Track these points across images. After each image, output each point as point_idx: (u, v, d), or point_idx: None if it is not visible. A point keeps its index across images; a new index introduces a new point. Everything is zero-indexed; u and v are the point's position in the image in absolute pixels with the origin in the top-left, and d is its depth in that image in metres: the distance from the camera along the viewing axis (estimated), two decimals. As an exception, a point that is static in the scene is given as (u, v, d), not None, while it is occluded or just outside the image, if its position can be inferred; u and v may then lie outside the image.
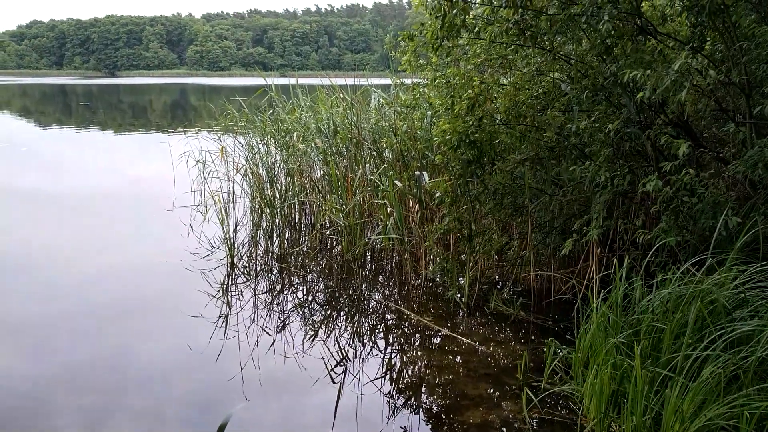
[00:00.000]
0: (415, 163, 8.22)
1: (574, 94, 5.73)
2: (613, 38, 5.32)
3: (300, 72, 22.00)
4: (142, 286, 7.51)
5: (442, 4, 5.38)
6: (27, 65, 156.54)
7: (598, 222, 5.47)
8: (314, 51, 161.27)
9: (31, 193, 12.81)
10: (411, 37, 6.33)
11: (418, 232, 7.53)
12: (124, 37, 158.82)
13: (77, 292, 7.20)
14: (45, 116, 36.50)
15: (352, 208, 8.15)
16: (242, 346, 5.84)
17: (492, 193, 6.59)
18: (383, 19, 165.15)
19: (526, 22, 5.50)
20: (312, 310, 6.84)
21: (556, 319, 6.28)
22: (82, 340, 5.99)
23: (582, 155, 6.06)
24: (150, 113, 39.79)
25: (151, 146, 21.44)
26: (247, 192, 10.54)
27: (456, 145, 6.15)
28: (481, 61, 6.37)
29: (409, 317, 6.46)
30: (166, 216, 10.64)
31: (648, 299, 4.49)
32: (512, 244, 7.08)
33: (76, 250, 8.82)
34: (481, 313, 6.50)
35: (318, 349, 5.80)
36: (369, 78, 10.81)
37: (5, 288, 7.32)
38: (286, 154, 10.00)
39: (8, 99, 53.87)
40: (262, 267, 8.26)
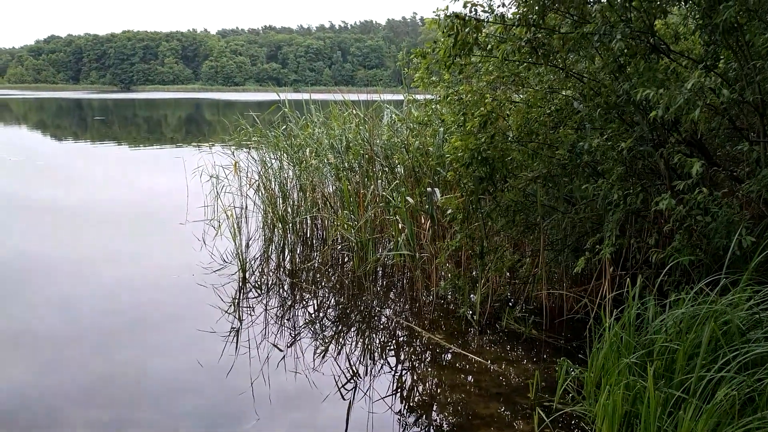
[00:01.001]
0: (427, 180, 8.23)
1: (586, 112, 5.73)
2: (626, 57, 5.32)
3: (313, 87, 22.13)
4: (154, 299, 7.54)
5: (454, 22, 5.41)
6: (44, 80, 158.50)
7: (610, 240, 5.44)
8: (328, 67, 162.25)
9: (47, 206, 12.92)
10: (424, 55, 6.35)
11: (429, 248, 7.52)
12: (140, 52, 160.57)
13: (91, 305, 7.24)
14: (61, 130, 36.89)
15: (364, 223, 8.16)
16: (253, 361, 5.84)
17: (504, 210, 6.58)
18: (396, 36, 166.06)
19: (539, 40, 5.52)
20: (323, 326, 6.83)
21: (568, 338, 6.23)
22: (95, 353, 6.01)
23: (594, 173, 6.04)
24: (165, 128, 40.12)
25: (165, 160, 21.59)
26: (260, 207, 10.59)
27: (468, 162, 6.15)
28: (493, 79, 6.38)
29: (420, 334, 6.43)
30: (179, 230, 10.69)
31: (661, 319, 4.46)
32: (524, 262, 7.05)
33: (90, 263, 8.87)
34: (492, 331, 6.47)
35: (328, 365, 5.79)
36: (382, 94, 10.86)
37: (20, 300, 7.37)
38: (299, 169, 10.05)
39: (25, 113, 54.53)
40: (273, 282, 8.27)
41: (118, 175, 18.02)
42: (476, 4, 5.52)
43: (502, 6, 5.78)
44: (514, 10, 5.75)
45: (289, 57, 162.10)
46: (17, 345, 6.18)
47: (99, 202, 13.59)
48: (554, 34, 5.49)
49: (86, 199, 13.96)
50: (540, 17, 5.41)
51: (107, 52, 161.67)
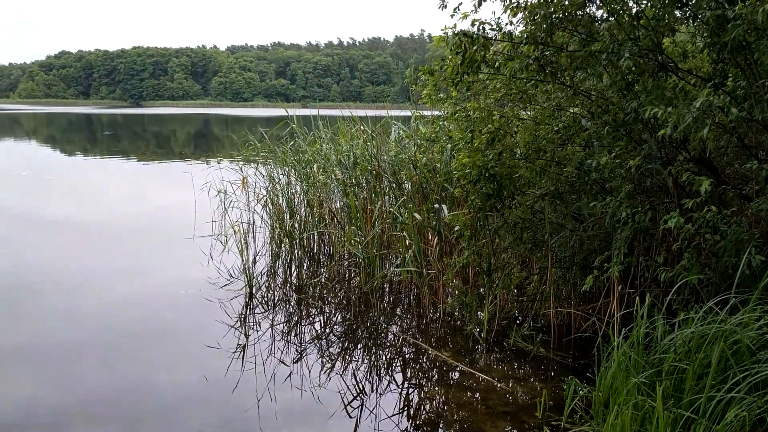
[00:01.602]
0: (434, 196, 8.23)
1: (594, 130, 5.73)
2: (634, 75, 5.32)
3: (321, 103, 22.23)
4: (161, 314, 7.54)
5: (462, 40, 5.43)
6: (54, 95, 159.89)
7: (618, 258, 5.42)
8: (336, 83, 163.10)
9: (56, 220, 12.98)
10: (431, 72, 6.38)
11: (436, 265, 7.50)
12: (150, 68, 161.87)
13: (98, 319, 7.24)
14: (70, 145, 37.16)
15: (371, 239, 8.16)
16: (259, 377, 5.82)
17: (511, 228, 6.57)
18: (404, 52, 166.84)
19: (547, 58, 5.53)
20: (329, 342, 6.81)
21: (576, 356, 6.19)
22: (102, 368, 6.01)
23: (603, 191, 6.03)
24: (174, 143, 40.35)
25: (173, 175, 21.69)
26: (267, 222, 10.60)
27: (476, 179, 6.16)
28: (501, 96, 6.40)
29: (427, 351, 6.40)
30: (186, 245, 10.71)
31: (670, 338, 4.42)
32: (532, 279, 7.02)
33: (98, 277, 8.89)
34: (500, 349, 6.43)
35: (335, 382, 5.76)
36: (389, 110, 10.90)
37: (28, 314, 7.38)
38: (307, 184, 10.07)
39: (35, 127, 54.98)
40: (280, 298, 8.26)
41: (127, 190, 18.11)
42: (484, 22, 5.54)
43: (510, 24, 5.81)
44: (521, 28, 5.78)
45: (298, 73, 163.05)
46: (25, 359, 6.19)
47: (107, 216, 13.64)
48: (562, 52, 5.50)
49: (95, 213, 14.02)
50: (548, 35, 5.42)
51: (117, 67, 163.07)
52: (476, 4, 5.63)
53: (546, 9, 5.35)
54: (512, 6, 5.54)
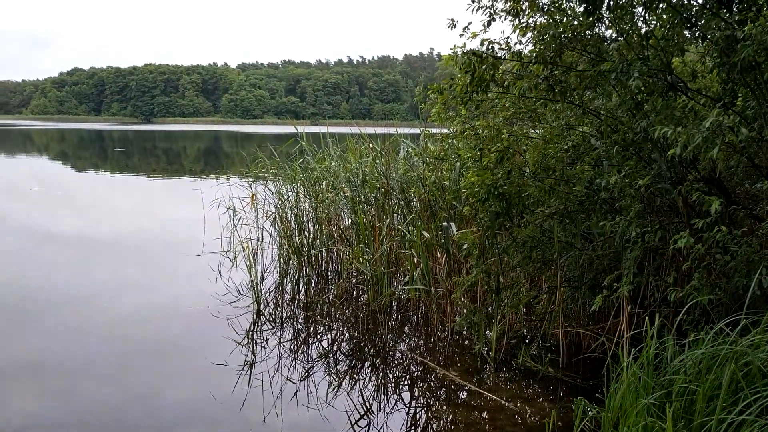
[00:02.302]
0: (443, 214, 8.23)
1: (603, 149, 5.73)
2: (644, 94, 5.33)
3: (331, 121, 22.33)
4: (169, 330, 7.55)
5: (472, 59, 5.45)
6: (67, 111, 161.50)
7: (628, 278, 5.39)
8: (345, 100, 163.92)
9: (65, 236, 13.05)
10: (440, 91, 6.40)
11: (444, 283, 7.48)
12: (161, 85, 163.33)
13: (106, 335, 7.25)
14: (81, 161, 37.44)
15: (379, 257, 8.15)
16: (266, 394, 5.80)
17: (520, 246, 6.55)
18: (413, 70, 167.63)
19: (556, 77, 5.55)
20: (336, 360, 6.79)
21: (585, 376, 6.14)
22: (109, 384, 6.00)
23: (612, 210, 6.01)
24: (184, 159, 40.58)
25: (183, 192, 21.79)
26: (276, 239, 10.62)
27: (484, 197, 6.15)
28: (510, 114, 6.41)
29: (434, 371, 6.37)
30: (195, 261, 10.73)
31: (680, 359, 4.38)
32: (541, 298, 6.99)
33: (107, 293, 8.91)
34: (508, 369, 6.39)
35: (342, 400, 5.74)
36: (398, 128, 10.93)
37: (37, 329, 7.40)
38: (315, 202, 10.09)
39: (47, 143, 55.47)
40: (287, 315, 8.25)
41: (137, 206, 18.20)
42: (493, 42, 5.57)
43: (519, 44, 5.84)
44: (530, 47, 5.80)
45: (308, 91, 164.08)
46: (33, 373, 6.19)
47: (117, 232, 13.70)
48: (571, 72, 5.52)
49: (104, 229, 14.09)
50: (557, 55, 5.44)
51: (129, 84, 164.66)
52: (485, 24, 5.66)
53: (555, 29, 5.38)
54: (521, 26, 5.57)
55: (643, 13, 5.60)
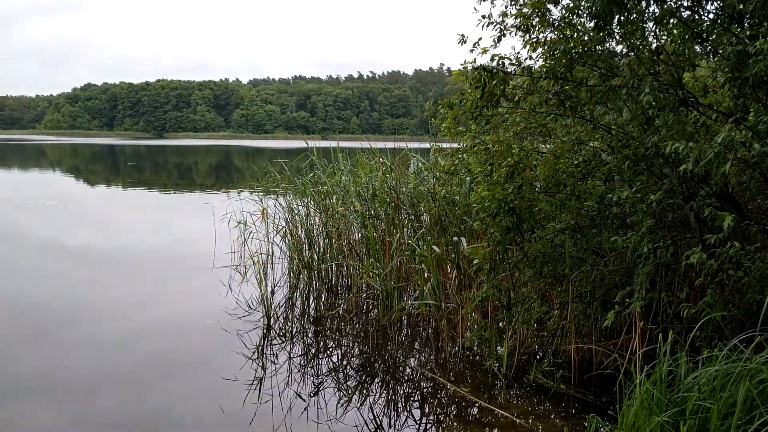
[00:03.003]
0: (453, 229, 8.21)
1: (615, 164, 5.71)
2: (655, 109, 5.31)
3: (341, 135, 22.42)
4: (179, 345, 7.55)
5: (482, 75, 5.47)
6: (80, 126, 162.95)
7: (640, 294, 5.35)
8: (355, 115, 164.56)
9: (78, 250, 13.13)
10: (451, 106, 6.42)
11: (455, 298, 7.45)
12: (173, 100, 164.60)
13: (116, 349, 7.26)
14: (94, 175, 37.72)
15: (389, 272, 8.13)
16: (276, 410, 5.78)
17: (531, 262, 6.52)
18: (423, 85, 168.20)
19: (566, 92, 5.55)
20: (346, 375, 6.76)
21: (597, 393, 6.08)
22: (119, 399, 6.00)
23: (623, 225, 5.98)
24: (195, 174, 40.81)
25: (194, 206, 21.89)
26: (286, 253, 10.62)
27: (495, 212, 6.13)
28: (520, 129, 6.41)
29: (445, 387, 6.33)
30: (206, 275, 10.76)
31: (694, 376, 4.33)
32: (552, 314, 6.95)
33: (118, 307, 8.94)
34: (519, 385, 6.34)
35: (352, 416, 5.71)
36: (408, 142, 10.95)
37: (50, 343, 7.42)
38: (325, 216, 10.11)
39: (60, 158, 55.95)
40: (297, 329, 8.24)
41: (148, 220, 18.29)
42: (504, 57, 5.59)
43: (529, 59, 5.85)
44: (541, 63, 5.82)
45: (318, 106, 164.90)
46: (43, 388, 6.21)
47: (128, 246, 13.77)
48: (582, 87, 5.52)
49: (116, 243, 14.16)
50: (567, 70, 5.45)
51: (141, 99, 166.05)
52: (495, 40, 5.68)
53: (565, 44, 5.39)
54: (532, 41, 5.59)
55: (654, 29, 5.61)
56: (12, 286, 10.09)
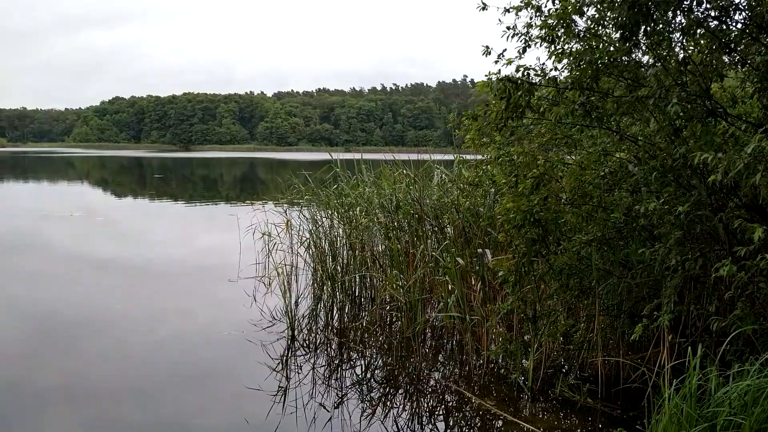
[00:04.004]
0: (478, 241, 8.17)
1: (642, 175, 5.65)
2: (682, 120, 5.25)
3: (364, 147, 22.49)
4: (204, 355, 7.59)
5: (507, 86, 5.46)
6: (107, 138, 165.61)
7: (669, 307, 5.27)
8: (378, 127, 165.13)
9: (105, 261, 13.29)
10: (475, 117, 6.41)
11: (480, 311, 7.40)
12: (199, 113, 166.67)
13: (142, 360, 7.33)
14: (121, 187, 38.24)
15: (413, 283, 8.11)
16: (299, 421, 5.78)
17: (557, 274, 6.46)
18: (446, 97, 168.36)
19: (592, 103, 5.51)
20: (370, 387, 6.74)
21: (624, 407, 5.98)
22: (144, 409, 6.05)
23: (651, 237, 5.91)
24: (220, 186, 41.19)
25: (220, 218, 22.08)
26: (310, 265, 10.65)
27: (520, 224, 6.10)
28: (546, 140, 6.38)
29: (470, 400, 6.28)
30: (230, 286, 10.82)
31: (724, 391, 4.25)
32: (578, 327, 6.86)
33: (143, 318, 9.02)
34: (545, 399, 6.27)
35: (376, 428, 5.69)
36: (431, 154, 10.95)
37: (74, 354, 7.51)
38: (349, 228, 10.12)
39: (88, 170, 56.83)
40: (321, 341, 8.24)
41: (175, 232, 18.48)
42: (529, 68, 5.57)
43: (554, 70, 5.83)
44: (566, 74, 5.79)
45: (342, 118, 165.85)
46: (67, 398, 6.28)
47: (154, 257, 13.92)
48: (608, 98, 5.48)
49: (142, 254, 14.31)
50: (593, 81, 5.42)
51: (168, 112, 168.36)
52: (520, 51, 5.67)
53: (591, 55, 5.37)
54: (557, 52, 5.57)
55: (681, 39, 5.56)
56: (40, 297, 10.24)
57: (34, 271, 12.26)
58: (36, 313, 9.22)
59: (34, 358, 7.36)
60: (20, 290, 10.65)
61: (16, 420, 5.70)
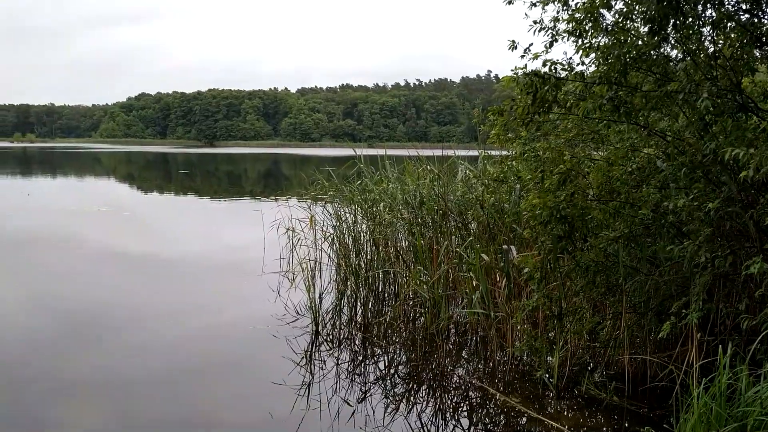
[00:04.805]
0: (503, 237, 8.12)
1: (670, 171, 5.56)
2: (712, 115, 5.17)
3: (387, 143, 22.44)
4: (230, 349, 7.65)
5: (534, 80, 5.41)
6: (133, 134, 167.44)
7: (697, 305, 5.19)
8: (402, 123, 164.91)
9: (131, 256, 13.46)
10: (501, 112, 6.36)
11: (504, 307, 7.36)
12: (224, 109, 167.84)
13: (168, 354, 7.41)
14: (147, 182, 38.66)
15: (437, 279, 8.09)
16: (323, 416, 5.80)
17: (584, 271, 6.39)
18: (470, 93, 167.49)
19: (621, 98, 5.44)
20: (394, 382, 6.74)
21: (652, 406, 5.91)
22: (170, 402, 6.12)
23: (680, 234, 5.82)
24: (245, 181, 41.45)
25: (244, 213, 22.20)
26: (333, 260, 10.67)
27: (546, 220, 6.04)
28: (573, 136, 6.31)
29: (494, 397, 6.25)
30: (255, 281, 10.89)
31: (755, 390, 4.18)
32: (605, 325, 6.79)
33: (170, 312, 9.12)
34: (571, 396, 6.22)
35: (399, 424, 5.68)
36: (455, 150, 10.89)
37: (101, 348, 7.62)
38: (373, 223, 10.12)
39: (115, 166, 57.53)
40: (345, 336, 8.26)
41: (200, 227, 18.64)
42: (555, 62, 5.52)
43: (582, 64, 5.76)
44: (593, 68, 5.73)
45: (365, 114, 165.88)
46: (95, 391, 6.36)
47: (180, 252, 14.05)
48: (636, 92, 5.41)
49: (168, 249, 14.47)
50: (621, 75, 5.35)
51: (193, 108, 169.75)
52: (547, 45, 5.62)
53: (619, 49, 5.30)
54: (584, 47, 5.51)
55: (711, 33, 5.46)
56: (68, 291, 10.39)
57: (62, 265, 12.46)
58: (64, 308, 9.36)
59: (62, 350, 7.47)
60: (49, 285, 10.83)
61: (46, 411, 5.79)
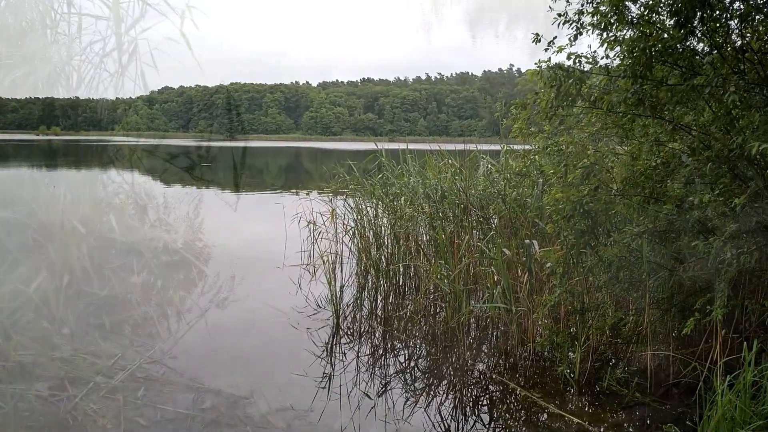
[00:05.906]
0: (525, 231, 8.08)
1: (695, 166, 5.50)
2: (739, 109, 5.10)
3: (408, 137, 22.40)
4: (251, 341, 7.71)
5: (557, 73, 5.38)
6: (156, 127, 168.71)
7: (722, 301, 5.13)
8: (423, 117, 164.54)
9: (153, 248, 13.59)
10: (524, 106, 6.33)
11: (526, 302, 7.33)
12: (246, 103, 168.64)
13: (189, 345, 7.48)
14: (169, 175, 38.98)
15: (458, 274, 8.07)
16: (344, 408, 5.83)
17: (607, 266, 6.34)
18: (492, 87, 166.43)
19: (645, 92, 5.39)
20: (414, 376, 6.76)
21: (674, 403, 5.87)
22: (191, 393, 6.18)
23: (705, 229, 5.75)
24: (266, 174, 41.65)
25: (266, 206, 22.31)
26: (354, 253, 10.70)
27: (569, 215, 6.01)
28: (596, 130, 6.26)
29: (514, 391, 6.24)
30: (276, 274, 10.95)
31: (781, 388, 4.13)
32: (627, 321, 6.74)
33: (192, 304, 9.21)
34: (592, 392, 6.19)
35: (419, 417, 5.70)
36: (477, 144, 10.86)
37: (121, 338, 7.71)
38: (394, 217, 10.13)
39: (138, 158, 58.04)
40: (365, 329, 8.29)
41: (222, 220, 18.75)
42: (580, 56, 5.48)
43: (606, 58, 5.71)
44: (618, 62, 5.67)
45: (386, 108, 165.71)
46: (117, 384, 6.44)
47: (203, 244, 14.17)
48: (662, 86, 5.35)
49: (191, 241, 14.59)
50: (647, 69, 5.29)
51: (215, 102, 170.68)
52: (571, 38, 5.58)
53: (645, 42, 5.24)
54: (609, 40, 5.46)
55: (739, 26, 5.39)
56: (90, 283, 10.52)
57: (85, 257, 12.62)
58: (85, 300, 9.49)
59: (87, 342, 7.58)
60: (72, 277, 10.98)
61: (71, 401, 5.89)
